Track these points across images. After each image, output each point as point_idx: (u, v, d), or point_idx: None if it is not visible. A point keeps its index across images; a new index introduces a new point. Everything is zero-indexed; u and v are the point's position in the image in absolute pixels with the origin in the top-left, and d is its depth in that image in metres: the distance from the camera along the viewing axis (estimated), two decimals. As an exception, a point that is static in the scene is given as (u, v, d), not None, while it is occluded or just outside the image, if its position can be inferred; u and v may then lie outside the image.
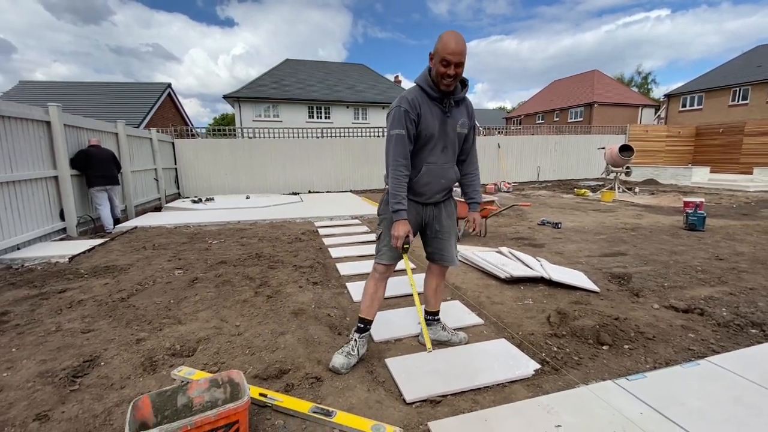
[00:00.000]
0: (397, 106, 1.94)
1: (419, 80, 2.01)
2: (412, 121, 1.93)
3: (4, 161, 4.50)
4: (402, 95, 1.99)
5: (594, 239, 5.07)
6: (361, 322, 2.16)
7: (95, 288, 3.37)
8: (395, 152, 1.95)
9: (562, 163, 15.03)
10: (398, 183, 1.96)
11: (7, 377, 2.00)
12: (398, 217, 1.96)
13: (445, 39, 1.84)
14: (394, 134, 1.94)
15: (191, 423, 1.27)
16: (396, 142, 1.94)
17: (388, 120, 2.00)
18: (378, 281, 2.17)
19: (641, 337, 2.38)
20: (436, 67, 1.87)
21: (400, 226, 1.96)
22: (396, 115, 1.93)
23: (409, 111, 1.92)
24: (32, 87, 16.95)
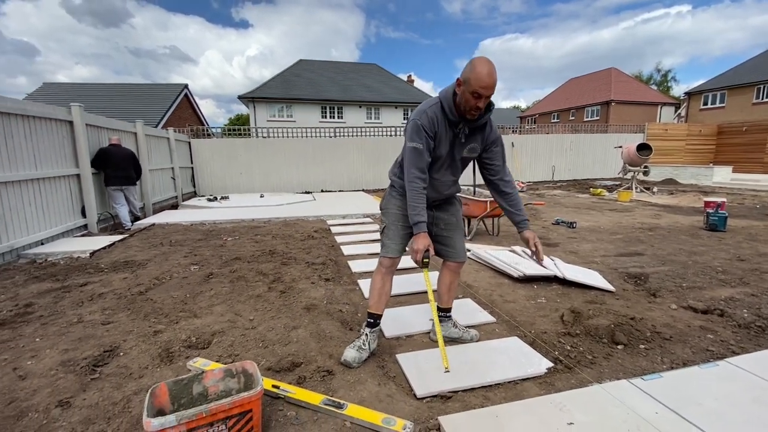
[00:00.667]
0: (416, 119, 1.93)
1: (442, 98, 1.96)
2: (430, 137, 1.93)
3: (29, 159, 4.66)
4: (422, 108, 1.96)
5: (610, 239, 4.98)
6: (370, 317, 2.18)
7: (115, 282, 3.46)
8: (410, 164, 1.94)
9: (578, 163, 14.79)
10: (416, 194, 1.93)
11: (31, 365, 2.08)
12: (419, 230, 1.92)
13: (478, 70, 1.74)
14: (411, 146, 1.93)
15: (206, 410, 1.30)
16: (413, 155, 1.93)
17: (406, 130, 2.00)
18: (384, 275, 2.18)
19: (658, 338, 2.33)
20: (465, 96, 1.80)
21: (422, 239, 1.92)
22: (414, 128, 1.93)
23: (425, 127, 1.91)
24: (55, 88, 17.51)
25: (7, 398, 1.79)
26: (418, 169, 1.93)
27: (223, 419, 1.34)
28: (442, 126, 1.94)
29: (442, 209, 2.25)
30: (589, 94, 30.94)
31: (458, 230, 2.28)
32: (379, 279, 2.19)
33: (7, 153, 4.29)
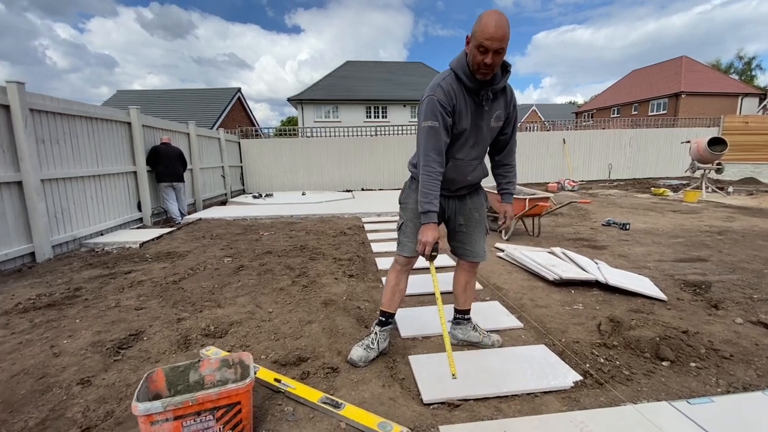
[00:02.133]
0: (430, 95, 1.73)
1: (455, 66, 1.76)
2: (447, 113, 1.73)
3: (92, 157, 5.12)
4: (435, 82, 1.75)
5: (668, 242, 4.46)
6: (382, 315, 2.08)
7: (155, 271, 3.68)
8: (427, 146, 1.74)
9: (639, 160, 13.57)
10: (430, 180, 1.75)
11: (66, 344, 2.23)
12: (427, 220, 1.75)
13: (484, 21, 1.57)
14: (426, 126, 1.73)
15: (193, 399, 1.29)
16: (428, 135, 1.73)
17: (419, 110, 1.81)
18: (400, 273, 2.07)
19: (714, 355, 2.01)
20: (472, 53, 1.63)
21: (430, 231, 1.75)
22: (429, 104, 1.73)
23: (442, 102, 1.71)
24: (127, 95, 19.29)
25: (39, 373, 1.93)
26: (435, 151, 1.74)
27: (211, 409, 1.32)
28: (461, 97, 1.74)
29: (465, 201, 2.04)
30: (655, 86, 28.37)
31: (480, 227, 2.09)
32: (394, 277, 2.09)
33: (72, 151, 4.73)
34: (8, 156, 3.82)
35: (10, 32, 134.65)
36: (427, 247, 1.75)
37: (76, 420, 1.58)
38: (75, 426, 1.54)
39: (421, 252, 1.78)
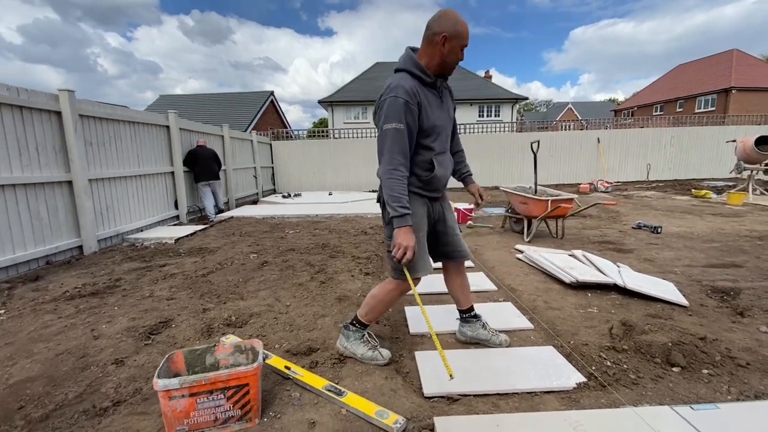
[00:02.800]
0: (393, 96, 1.68)
1: (407, 66, 1.77)
2: (413, 114, 1.71)
3: (134, 159, 5.52)
4: (394, 84, 1.72)
5: (701, 247, 4.25)
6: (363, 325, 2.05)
7: (186, 265, 3.94)
8: (393, 149, 1.69)
9: (680, 160, 12.84)
10: (400, 183, 1.70)
11: (105, 328, 2.47)
12: (405, 223, 1.69)
13: (461, 22, 1.69)
14: (391, 128, 1.68)
15: (206, 379, 1.42)
16: (394, 138, 1.68)
17: (378, 114, 1.76)
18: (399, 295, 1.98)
19: (730, 363, 1.94)
20: (455, 51, 1.72)
21: (410, 234, 1.69)
22: (393, 106, 1.68)
23: (408, 102, 1.68)
24: (169, 99, 20.43)
25: (81, 352, 2.16)
26: (402, 154, 1.71)
27: (222, 389, 1.45)
28: (422, 93, 1.75)
29: (444, 203, 2.07)
30: (702, 81, 26.68)
31: (458, 226, 2.14)
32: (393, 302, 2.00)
33: (116, 153, 5.13)
34: (60, 158, 4.21)
35: (66, 41, 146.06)
36: (409, 250, 1.68)
37: (108, 395, 1.77)
38: (107, 400, 1.72)
39: (400, 257, 1.69)
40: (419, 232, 1.85)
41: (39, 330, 2.48)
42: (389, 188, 1.71)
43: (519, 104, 26.38)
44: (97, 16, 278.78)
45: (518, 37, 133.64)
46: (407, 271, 1.81)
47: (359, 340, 2.02)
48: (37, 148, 3.95)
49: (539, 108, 65.78)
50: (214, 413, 1.46)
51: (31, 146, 3.88)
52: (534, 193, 4.92)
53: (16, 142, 3.72)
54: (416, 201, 1.88)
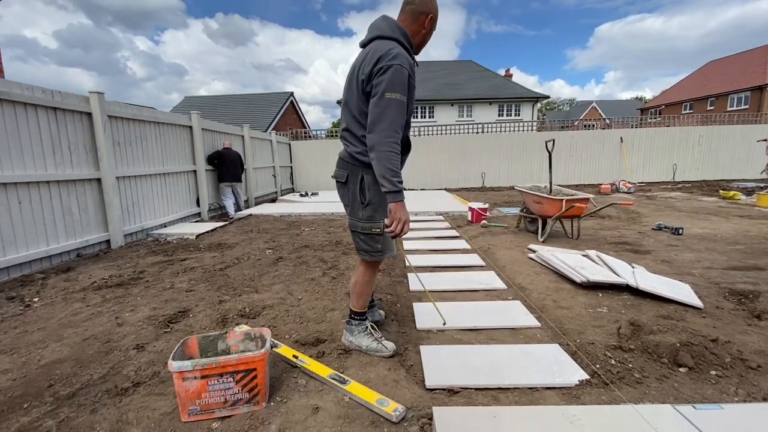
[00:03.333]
0: (399, 65, 1.58)
1: (398, 36, 1.69)
2: (412, 89, 1.66)
3: (158, 158, 5.76)
4: (394, 52, 1.61)
5: (724, 249, 4.11)
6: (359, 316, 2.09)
7: (206, 259, 4.10)
8: (395, 122, 1.60)
9: (709, 160, 12.36)
10: (397, 158, 1.64)
11: (128, 316, 2.62)
12: (402, 198, 1.65)
13: (436, 2, 1.76)
14: (395, 98, 1.58)
15: (216, 362, 1.51)
16: (398, 110, 1.60)
17: (381, 76, 1.60)
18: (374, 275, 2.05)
19: (740, 365, 1.90)
20: (428, 30, 1.77)
21: (405, 208, 1.67)
22: (399, 75, 1.58)
23: (411, 76, 1.63)
24: (193, 101, 21.06)
25: (105, 338, 2.31)
26: (401, 128, 1.65)
27: (231, 373, 1.54)
28: (413, 67, 1.72)
29: None
30: (735, 78, 25.52)
31: None
32: (373, 282, 2.07)
33: (142, 153, 5.37)
34: (90, 156, 4.45)
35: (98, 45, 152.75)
36: (407, 224, 1.68)
37: (129, 377, 1.89)
38: (128, 381, 1.85)
39: (400, 231, 1.67)
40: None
41: (69, 317, 2.65)
42: (389, 161, 1.62)
43: (540, 103, 25.91)
44: (127, 21, 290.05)
45: (541, 34, 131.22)
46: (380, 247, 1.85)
47: (363, 333, 2.08)
48: (70, 147, 4.19)
49: (562, 107, 64.33)
50: (224, 395, 1.55)
51: (64, 145, 4.12)
52: (549, 193, 4.87)
53: (50, 141, 3.96)
54: None
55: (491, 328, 2.43)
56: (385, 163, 1.62)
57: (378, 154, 1.63)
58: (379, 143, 1.62)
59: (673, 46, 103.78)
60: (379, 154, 1.63)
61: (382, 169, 1.63)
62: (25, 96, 3.67)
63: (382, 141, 1.62)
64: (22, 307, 2.86)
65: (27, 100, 3.68)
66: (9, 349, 2.20)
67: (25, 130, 3.70)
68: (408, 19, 1.75)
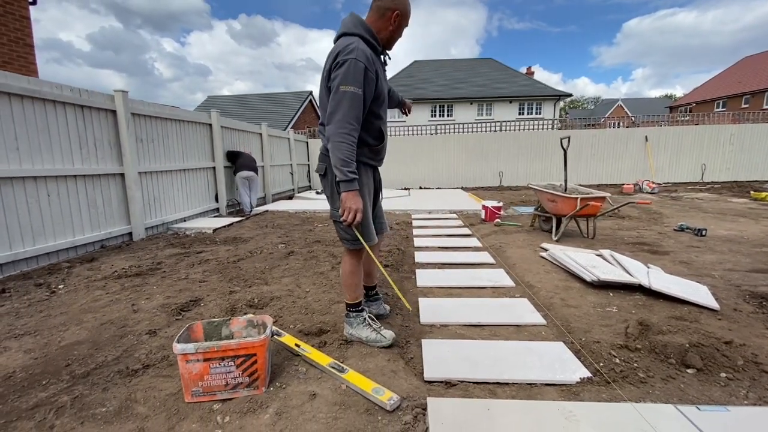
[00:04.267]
0: (354, 59, 1.65)
1: (360, 31, 1.75)
2: (371, 81, 1.71)
3: (179, 154, 5.95)
4: (353, 47, 1.67)
5: (749, 251, 3.94)
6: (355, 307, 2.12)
7: (220, 252, 4.22)
8: (349, 114, 1.67)
9: (741, 160, 11.80)
10: (351, 149, 1.70)
11: (144, 304, 2.73)
12: (354, 187, 1.72)
13: (409, 3, 1.84)
14: (349, 91, 1.65)
15: (218, 346, 1.57)
16: (352, 102, 1.66)
17: (337, 71, 1.68)
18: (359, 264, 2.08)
19: (753, 368, 1.83)
20: (401, 29, 1.85)
21: (358, 197, 1.73)
22: (353, 68, 1.65)
23: (368, 68, 1.68)
24: (216, 100, 21.60)
25: (121, 323, 2.42)
26: (357, 120, 1.70)
27: (232, 357, 1.59)
28: (376, 62, 1.77)
29: (379, 174, 2.15)
30: (773, 75, 24.25)
31: None
32: (360, 271, 2.10)
33: (163, 149, 5.57)
34: (114, 152, 4.65)
35: (128, 47, 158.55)
36: (359, 213, 1.73)
37: (140, 359, 1.98)
38: (139, 363, 1.93)
39: (351, 220, 1.74)
40: (369, 202, 1.95)
41: (89, 303, 2.79)
42: (340, 151, 1.68)
43: (564, 102, 25.32)
44: (155, 23, 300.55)
45: (565, 31, 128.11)
46: (360, 236, 1.86)
47: (362, 324, 2.11)
48: (95, 143, 4.39)
49: (586, 105, 62.63)
50: (225, 378, 1.61)
51: (90, 141, 4.32)
52: (564, 191, 4.78)
53: (77, 137, 4.16)
54: (367, 171, 1.95)
55: (495, 324, 2.42)
56: (337, 153, 1.69)
57: (332, 144, 1.71)
58: (334, 134, 1.69)
59: (706, 42, 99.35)
60: (332, 144, 1.70)
61: (335, 158, 1.71)
62: (54, 94, 3.87)
63: (335, 132, 1.69)
64: (48, 293, 3.03)
65: (56, 98, 3.88)
66: (33, 331, 2.33)
67: (54, 127, 3.91)
68: (374, 15, 1.82)
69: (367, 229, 1.93)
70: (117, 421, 1.52)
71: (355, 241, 1.94)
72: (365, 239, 1.91)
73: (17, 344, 2.17)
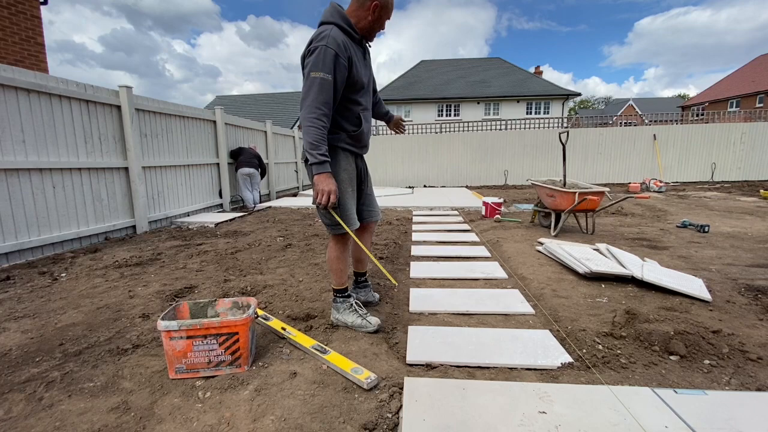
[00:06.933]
0: (324, 45, 1.70)
1: (335, 19, 1.79)
2: (342, 67, 1.74)
3: (183, 150, 6.05)
4: (325, 34, 1.73)
5: (751, 247, 3.88)
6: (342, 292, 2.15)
7: (219, 244, 4.29)
8: (318, 99, 1.71)
9: (752, 160, 11.56)
10: (320, 133, 1.74)
11: (140, 290, 2.80)
12: (324, 170, 1.75)
13: None
14: (318, 77, 1.70)
15: (200, 324, 1.61)
16: (321, 88, 1.70)
17: (308, 58, 1.75)
18: (345, 249, 2.11)
19: (738, 356, 1.81)
20: (381, 21, 1.89)
21: (330, 179, 1.76)
22: (322, 54, 1.69)
23: (338, 55, 1.72)
24: (225, 100, 21.86)
25: (117, 308, 2.48)
26: (326, 105, 1.73)
27: (215, 335, 1.63)
28: (351, 48, 1.80)
29: (364, 162, 2.19)
30: (789, 73, 23.71)
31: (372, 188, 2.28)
32: (345, 257, 2.12)
33: (167, 145, 5.67)
34: (119, 147, 4.75)
35: (139, 49, 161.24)
36: (332, 195, 1.76)
37: (131, 340, 2.04)
38: (129, 343, 1.99)
39: (325, 202, 1.76)
40: (349, 187, 1.97)
41: (88, 290, 2.86)
42: (309, 135, 1.73)
43: (573, 101, 25.08)
44: (166, 25, 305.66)
45: (575, 30, 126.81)
46: (340, 219, 1.88)
47: (348, 310, 2.14)
48: (100, 138, 4.49)
49: (596, 105, 61.93)
50: (208, 356, 1.65)
51: (95, 135, 4.42)
52: (563, 186, 4.75)
53: (82, 131, 4.27)
54: (347, 157, 1.97)
55: (484, 313, 2.43)
56: (307, 137, 1.75)
57: (303, 129, 1.77)
58: (304, 118, 1.75)
59: (720, 41, 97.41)
60: (304, 129, 1.76)
61: (305, 142, 1.76)
62: (60, 89, 3.97)
63: (305, 116, 1.74)
64: (50, 280, 3.11)
65: (62, 93, 3.99)
66: (32, 314, 2.41)
67: (60, 121, 4.01)
68: (355, 4, 1.87)
69: (346, 213, 1.94)
70: (103, 394, 1.57)
71: (336, 225, 1.96)
72: (346, 223, 1.92)
73: (16, 325, 2.25)
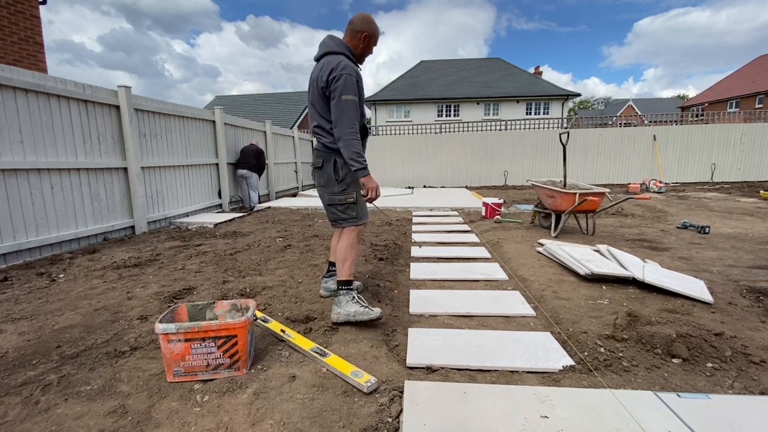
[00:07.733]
0: (348, 74, 2.07)
1: (344, 50, 2.17)
2: (360, 89, 2.14)
3: (183, 150, 6.03)
4: (344, 64, 2.09)
5: (752, 248, 3.87)
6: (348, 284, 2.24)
7: (219, 245, 4.27)
8: (352, 117, 2.09)
9: (752, 160, 11.57)
10: (359, 144, 2.11)
11: (138, 292, 2.78)
12: (368, 172, 2.14)
13: (376, 24, 2.26)
14: (350, 99, 2.07)
15: (199, 327, 1.60)
16: (353, 108, 2.09)
17: (336, 84, 2.07)
18: (357, 242, 2.33)
19: (741, 359, 1.80)
20: (370, 48, 2.27)
21: (373, 179, 2.17)
22: (349, 81, 2.07)
23: (358, 80, 2.12)
24: (224, 100, 21.83)
25: (115, 309, 2.46)
26: (358, 121, 2.12)
27: (213, 338, 1.62)
28: (359, 73, 2.17)
29: None
30: (789, 74, 23.72)
31: None
32: (358, 247, 2.38)
33: (166, 145, 5.65)
34: (117, 147, 4.73)
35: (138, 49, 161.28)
36: (379, 189, 2.17)
37: (129, 342, 2.02)
38: (127, 346, 1.97)
39: (374, 196, 2.15)
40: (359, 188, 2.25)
41: (86, 291, 2.84)
42: (352, 146, 2.09)
43: (573, 102, 25.08)
44: (165, 25, 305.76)
45: (575, 31, 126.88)
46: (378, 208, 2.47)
47: (350, 301, 2.17)
48: (99, 138, 4.47)
49: (596, 105, 61.97)
50: (206, 359, 1.63)
51: (93, 135, 4.40)
52: (563, 187, 4.74)
53: (81, 131, 4.25)
54: None
55: (485, 315, 2.41)
56: (351, 149, 2.09)
57: (344, 142, 2.09)
58: (344, 134, 2.09)
59: (720, 42, 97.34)
60: (345, 142, 2.09)
61: (349, 153, 2.10)
62: (58, 89, 3.95)
63: (345, 132, 2.08)
64: (48, 281, 3.09)
65: (60, 93, 3.97)
66: (30, 316, 2.39)
67: (58, 121, 3.99)
68: (348, 36, 2.24)
69: (364, 210, 2.36)
70: (100, 398, 1.55)
71: (351, 219, 2.28)
72: (362, 216, 2.32)
73: (13, 327, 2.23)
